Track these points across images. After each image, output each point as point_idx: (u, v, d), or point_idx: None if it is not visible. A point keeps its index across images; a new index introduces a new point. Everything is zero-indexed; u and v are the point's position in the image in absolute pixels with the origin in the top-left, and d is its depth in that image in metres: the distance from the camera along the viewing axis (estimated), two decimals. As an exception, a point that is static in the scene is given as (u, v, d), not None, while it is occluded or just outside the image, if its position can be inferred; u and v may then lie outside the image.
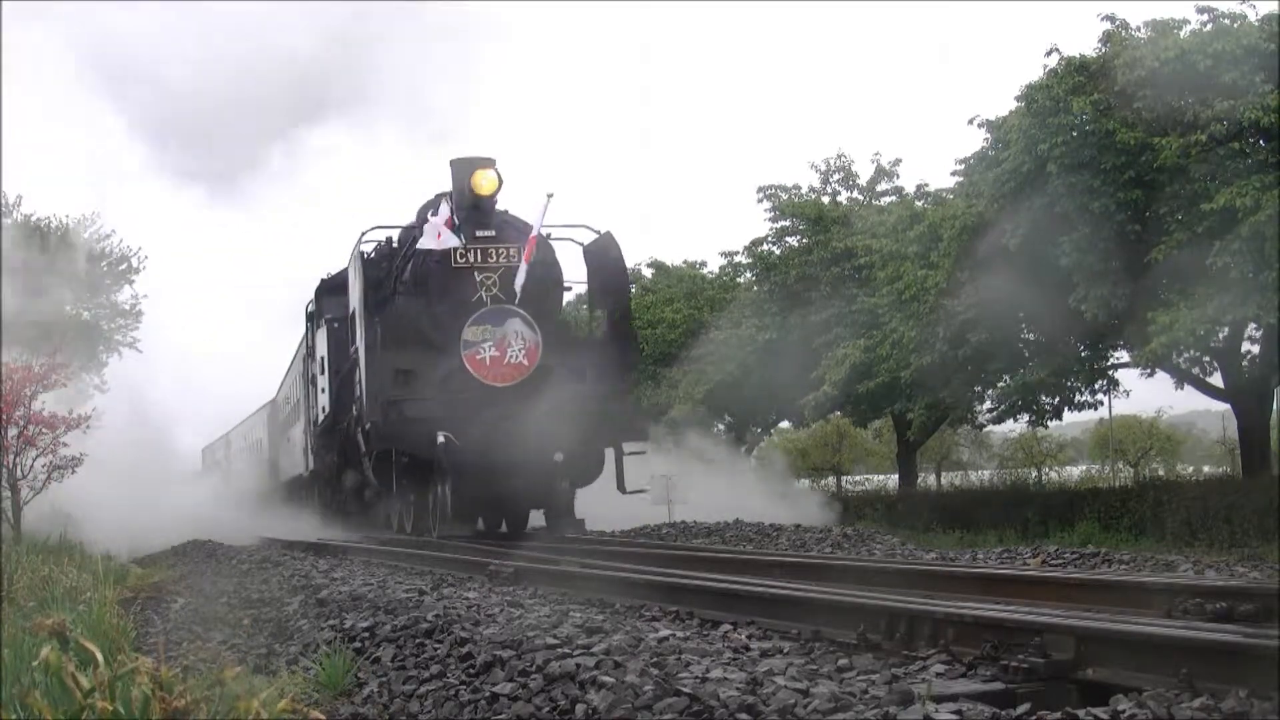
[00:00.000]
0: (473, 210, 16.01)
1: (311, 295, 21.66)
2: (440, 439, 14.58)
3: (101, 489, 18.95)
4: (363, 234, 16.88)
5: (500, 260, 15.83)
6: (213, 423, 45.71)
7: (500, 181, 16.10)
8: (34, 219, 31.93)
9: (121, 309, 33.81)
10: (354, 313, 17.06)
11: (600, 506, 16.35)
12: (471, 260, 15.86)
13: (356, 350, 16.58)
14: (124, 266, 33.38)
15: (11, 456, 16.57)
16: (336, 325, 19.17)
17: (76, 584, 8.95)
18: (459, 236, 15.64)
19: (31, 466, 16.78)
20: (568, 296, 18.02)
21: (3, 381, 16.20)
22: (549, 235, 16.33)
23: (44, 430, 16.78)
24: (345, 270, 19.33)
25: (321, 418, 20.54)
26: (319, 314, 20.95)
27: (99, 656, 4.01)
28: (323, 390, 20.14)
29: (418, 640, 6.19)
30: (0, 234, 27.97)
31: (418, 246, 15.94)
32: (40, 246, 29.10)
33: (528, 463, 14.72)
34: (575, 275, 17.13)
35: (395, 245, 17.69)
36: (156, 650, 4.98)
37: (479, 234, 15.91)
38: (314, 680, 5.62)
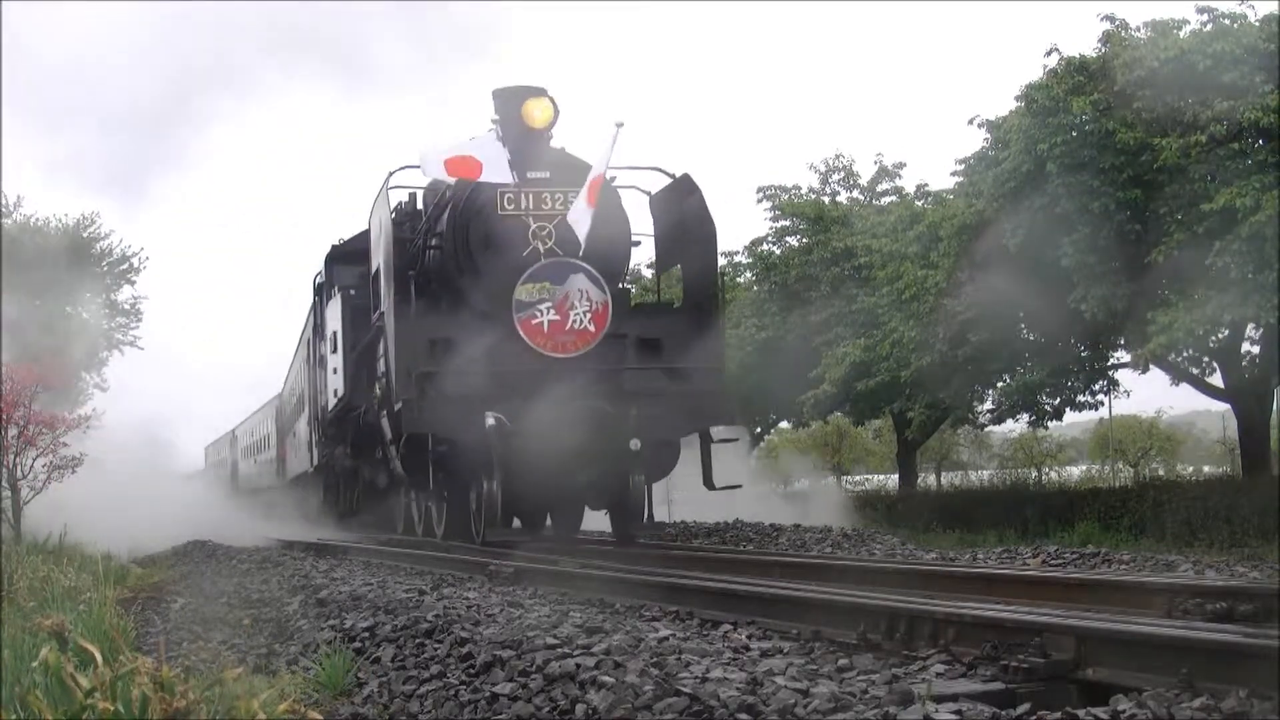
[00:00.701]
0: (524, 147, 13.29)
1: (320, 266, 19.41)
2: (490, 421, 12.08)
3: (99, 489, 18.82)
4: (390, 174, 13.93)
5: (556, 206, 13.18)
6: (218, 420, 45.73)
7: (556, 112, 13.52)
8: (33, 219, 31.97)
9: (122, 308, 33.85)
10: (378, 272, 14.28)
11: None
12: (522, 206, 13.21)
13: (381, 317, 13.84)
14: (124, 267, 33.39)
15: (11, 456, 16.57)
16: (354, 292, 16.68)
17: (76, 584, 8.95)
18: (512, 173, 12.91)
19: (31, 466, 16.78)
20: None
21: (2, 381, 16.20)
22: (613, 179, 13.62)
23: (44, 430, 16.78)
24: (359, 236, 17.15)
25: (333, 403, 17.88)
26: (329, 285, 18.48)
27: (98, 657, 4.01)
28: (334, 371, 17.45)
29: (418, 640, 6.20)
30: (0, 234, 27.98)
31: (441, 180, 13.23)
32: (41, 246, 29.13)
33: (597, 452, 12.38)
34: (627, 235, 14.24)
35: (419, 207, 15.77)
36: (156, 650, 4.98)
37: (531, 175, 13.20)
38: (314, 680, 5.62)
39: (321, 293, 19.54)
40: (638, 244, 14.24)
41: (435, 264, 13.85)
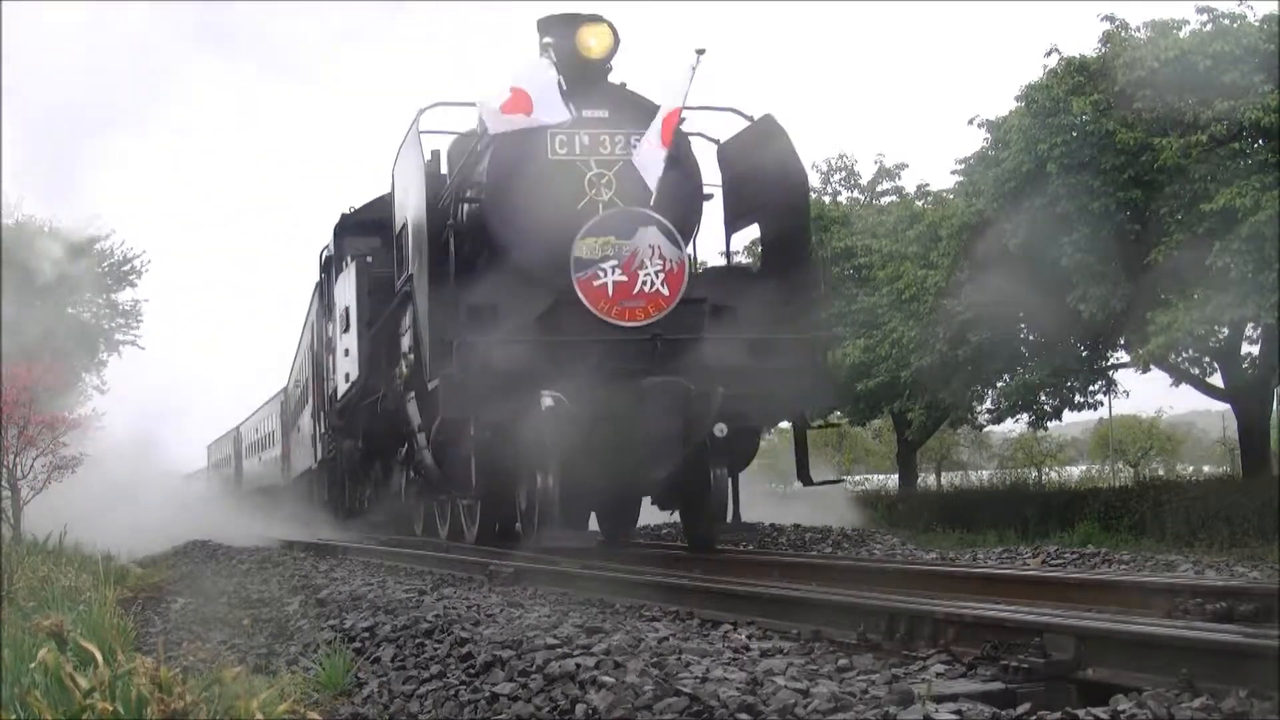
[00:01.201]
0: (578, 81, 11.34)
1: (327, 238, 17.68)
2: (547, 402, 10.10)
3: (83, 490, 18.65)
4: (421, 111, 11.75)
5: (617, 151, 11.33)
6: (223, 417, 45.28)
7: (616, 40, 11.67)
8: (33, 219, 31.94)
9: (123, 309, 33.82)
10: (403, 230, 12.34)
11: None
12: (576, 150, 11.34)
13: (410, 283, 11.87)
14: (126, 268, 33.35)
15: (12, 457, 16.58)
16: (371, 259, 14.82)
17: (76, 584, 8.96)
18: (569, 108, 11.01)
19: (31, 466, 16.78)
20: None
21: (2, 382, 16.20)
22: (681, 121, 11.59)
23: (44, 430, 16.79)
24: (374, 202, 15.78)
25: (343, 389, 16.03)
26: (339, 258, 16.60)
27: (98, 657, 4.01)
28: (346, 353, 15.58)
29: (418, 640, 6.20)
30: (0, 234, 27.96)
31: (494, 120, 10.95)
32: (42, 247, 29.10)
33: (675, 439, 10.55)
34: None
35: (444, 170, 13.59)
36: (156, 650, 4.98)
37: (587, 114, 11.34)
38: (314, 680, 5.62)
39: (330, 268, 17.68)
40: (709, 197, 12.36)
41: (473, 219, 11.78)
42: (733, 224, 13.24)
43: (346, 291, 15.44)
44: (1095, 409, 21.76)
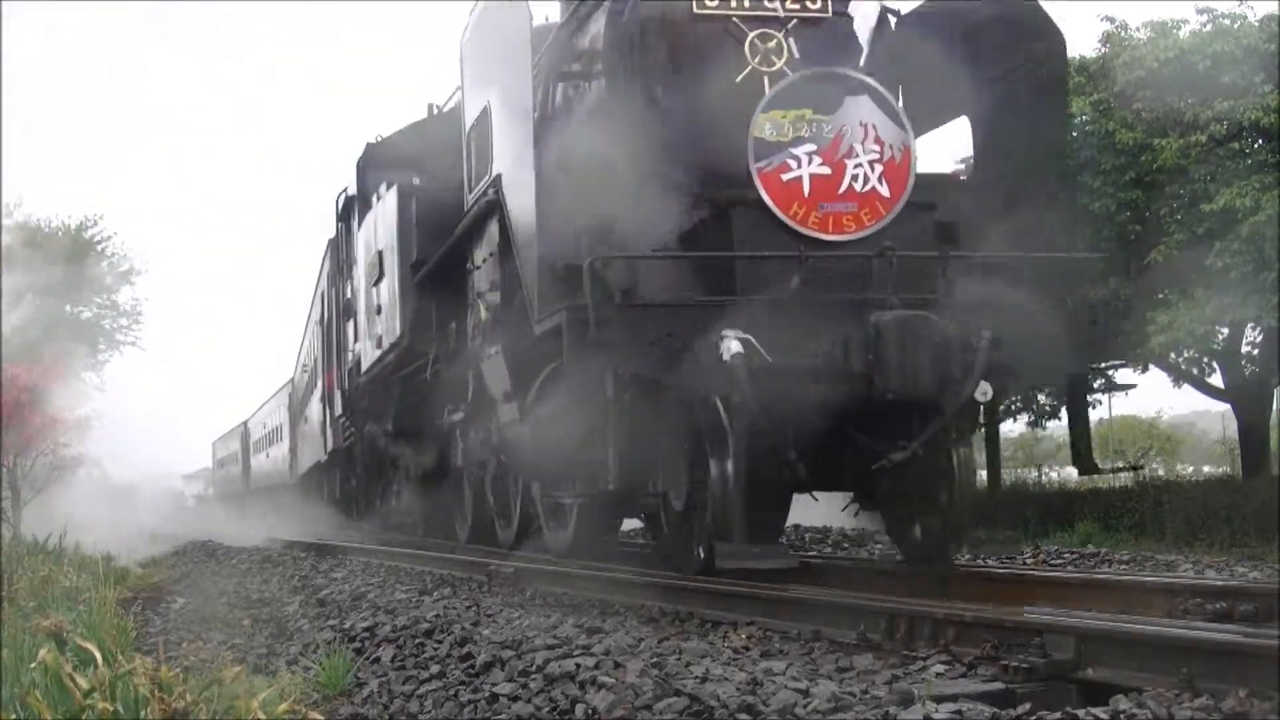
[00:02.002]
0: None
1: (347, 182, 14.89)
2: (732, 346, 6.74)
3: (94, 490, 18.57)
4: None
5: (788, 4, 8.21)
6: (227, 414, 45.00)
7: None
8: (34, 220, 31.93)
9: (124, 310, 33.84)
10: (481, 120, 9.13)
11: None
12: (733, 3, 8.17)
13: (492, 192, 8.62)
14: (126, 268, 33.37)
15: (12, 457, 16.59)
16: (418, 181, 11.90)
17: (76, 584, 8.96)
18: None
19: (32, 466, 16.79)
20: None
21: (2, 383, 16.21)
22: None
23: (45, 430, 16.80)
24: (408, 128, 13.49)
25: (370, 360, 13.09)
26: (364, 199, 13.72)
27: (98, 657, 4.01)
28: (378, 310, 12.54)
29: (418, 640, 6.20)
30: (0, 234, 27.96)
31: None
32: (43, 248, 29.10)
33: (927, 404, 7.21)
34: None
35: None
36: (156, 650, 4.98)
37: None
38: (314, 680, 5.62)
39: (349, 214, 14.62)
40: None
41: (596, 95, 8.74)
42: (923, 120, 9.20)
43: (381, 231, 12.38)
44: (1094, 408, 21.79)
